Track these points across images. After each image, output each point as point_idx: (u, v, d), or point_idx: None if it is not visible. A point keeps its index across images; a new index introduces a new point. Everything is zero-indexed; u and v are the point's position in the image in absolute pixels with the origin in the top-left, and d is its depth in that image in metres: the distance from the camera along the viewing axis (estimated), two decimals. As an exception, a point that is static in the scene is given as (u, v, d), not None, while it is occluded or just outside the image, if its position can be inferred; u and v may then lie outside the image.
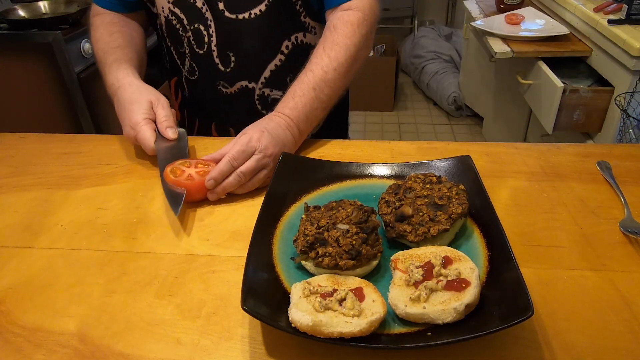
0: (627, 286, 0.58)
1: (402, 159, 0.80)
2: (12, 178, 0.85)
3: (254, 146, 0.76)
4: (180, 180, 0.75)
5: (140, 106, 0.84)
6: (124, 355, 0.52)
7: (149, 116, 0.83)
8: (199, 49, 0.96)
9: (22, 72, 1.89)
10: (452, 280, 0.53)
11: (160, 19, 0.97)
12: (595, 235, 0.67)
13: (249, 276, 0.55)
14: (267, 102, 1.01)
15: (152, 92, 0.87)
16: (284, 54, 0.97)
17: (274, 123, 0.81)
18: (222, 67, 0.97)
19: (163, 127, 0.84)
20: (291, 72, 0.98)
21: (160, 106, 0.85)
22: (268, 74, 0.98)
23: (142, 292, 0.60)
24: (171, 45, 1.00)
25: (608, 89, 1.71)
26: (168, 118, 0.85)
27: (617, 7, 1.73)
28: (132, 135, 0.83)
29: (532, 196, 0.75)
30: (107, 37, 0.96)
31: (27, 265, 0.65)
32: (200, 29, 0.94)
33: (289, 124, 0.83)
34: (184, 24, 0.94)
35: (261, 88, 0.99)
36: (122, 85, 0.88)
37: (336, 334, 0.48)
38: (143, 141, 0.82)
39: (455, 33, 3.71)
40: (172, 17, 0.95)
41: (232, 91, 0.99)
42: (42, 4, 2.04)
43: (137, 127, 0.82)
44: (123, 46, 0.95)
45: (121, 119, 0.86)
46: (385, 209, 0.64)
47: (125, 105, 0.85)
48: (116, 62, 0.92)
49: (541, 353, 0.51)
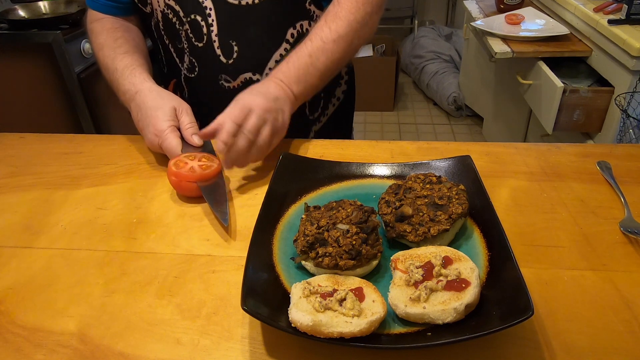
0: (627, 286, 0.58)
1: (402, 159, 0.80)
2: (12, 178, 0.85)
3: (249, 105, 0.76)
4: (182, 172, 0.74)
5: (165, 113, 0.81)
6: (124, 355, 0.52)
7: (174, 123, 0.81)
8: (197, 42, 0.93)
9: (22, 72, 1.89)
10: (452, 280, 0.53)
11: (155, 17, 0.95)
12: (595, 235, 0.67)
13: (249, 276, 0.55)
14: None
15: (175, 98, 0.85)
16: (289, 43, 0.94)
17: (263, 85, 0.81)
18: (224, 58, 0.93)
19: (189, 134, 0.81)
20: None
21: (185, 113, 0.83)
22: (273, 65, 0.94)
23: (142, 292, 0.60)
24: (169, 43, 0.97)
25: (608, 89, 1.71)
26: (193, 125, 0.82)
27: (617, 7, 1.73)
28: (155, 143, 0.80)
29: (532, 196, 0.75)
30: (112, 42, 0.93)
31: (27, 265, 0.65)
32: (197, 20, 0.91)
33: (280, 85, 0.81)
34: (180, 16, 0.91)
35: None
36: (140, 91, 0.84)
37: (336, 334, 0.48)
38: (170, 149, 0.79)
39: (455, 33, 3.71)
40: (168, 11, 0.92)
41: (235, 85, 0.96)
42: (42, 4, 2.04)
43: (162, 134, 0.79)
44: (131, 52, 0.92)
45: (143, 125, 0.82)
46: (385, 209, 0.64)
47: (148, 112, 0.82)
48: (128, 68, 0.88)
49: (541, 353, 0.51)
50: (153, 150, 0.85)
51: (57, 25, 1.83)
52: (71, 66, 1.84)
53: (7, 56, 1.86)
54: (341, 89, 1.11)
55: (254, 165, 0.85)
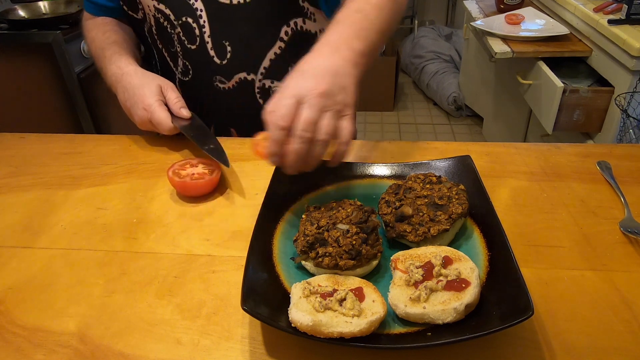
0: (627, 286, 0.58)
1: (402, 159, 0.80)
2: (12, 178, 0.85)
3: (297, 93, 0.60)
4: (186, 181, 0.75)
5: (151, 89, 0.85)
6: (124, 355, 0.52)
7: (160, 98, 0.85)
8: (190, 45, 0.92)
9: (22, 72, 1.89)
10: (452, 280, 0.53)
11: (148, 22, 0.95)
12: (595, 235, 0.67)
13: (249, 276, 0.55)
14: (268, 94, 0.96)
15: (159, 77, 0.89)
16: (283, 41, 0.92)
17: (312, 58, 0.66)
18: (217, 59, 0.92)
19: (177, 108, 0.86)
20: (292, 62, 0.92)
21: (170, 89, 0.87)
22: (268, 64, 0.93)
23: (142, 292, 0.60)
24: (162, 48, 0.97)
25: (608, 89, 1.71)
26: (179, 99, 0.87)
27: (617, 7, 1.73)
28: (145, 118, 0.84)
29: (532, 196, 0.75)
30: (101, 35, 0.97)
31: (27, 265, 0.65)
32: (189, 22, 0.90)
33: (337, 48, 0.66)
34: (171, 19, 0.91)
35: (261, 79, 0.95)
36: (126, 72, 0.88)
37: (336, 334, 0.48)
38: (160, 121, 0.83)
39: (455, 33, 3.71)
40: (159, 15, 0.91)
41: (229, 86, 0.95)
42: (42, 4, 2.04)
43: (150, 108, 0.83)
44: (119, 42, 0.95)
45: (131, 104, 0.86)
46: (385, 209, 0.64)
47: (134, 91, 0.86)
48: (116, 54, 0.92)
49: (541, 353, 0.51)
50: (143, 128, 0.88)
51: (57, 25, 1.83)
52: (71, 66, 1.84)
53: (7, 56, 1.86)
54: None
55: (254, 166, 0.85)
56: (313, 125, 0.59)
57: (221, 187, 0.79)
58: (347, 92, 0.63)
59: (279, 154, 0.61)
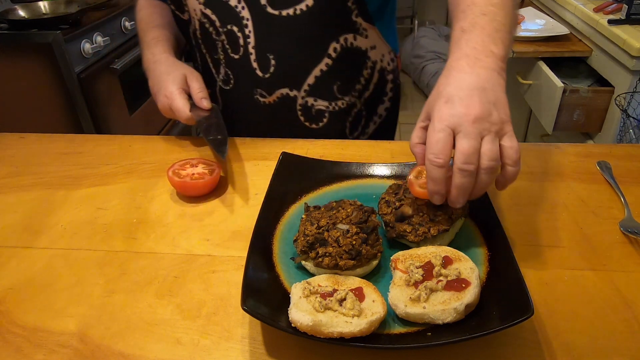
0: (627, 286, 0.58)
1: (402, 159, 0.80)
2: (12, 178, 0.85)
3: (448, 123, 0.55)
4: (186, 181, 0.75)
5: (175, 78, 0.87)
6: (124, 355, 0.52)
7: (183, 87, 0.87)
8: (234, 54, 0.89)
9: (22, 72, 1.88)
10: (452, 280, 0.53)
11: (193, 25, 0.92)
12: (595, 235, 0.67)
13: (249, 276, 0.55)
14: (310, 113, 0.93)
15: (186, 67, 0.91)
16: (331, 58, 0.88)
17: (452, 76, 0.59)
18: (260, 72, 0.89)
19: (198, 98, 0.87)
20: (338, 80, 0.90)
21: (195, 79, 0.89)
22: (312, 81, 0.89)
23: (142, 292, 0.60)
24: (206, 53, 0.94)
25: (608, 89, 1.71)
26: (202, 90, 0.88)
27: (617, 7, 1.73)
28: (166, 105, 0.86)
29: (532, 196, 0.75)
30: (148, 17, 1.00)
31: (27, 265, 0.65)
32: (234, 31, 0.87)
33: (474, 58, 0.59)
34: (217, 26, 0.88)
35: (304, 97, 0.91)
36: (158, 60, 0.91)
37: (336, 334, 0.48)
38: (178, 109, 0.84)
39: (456, 33, 3.70)
40: (204, 20, 0.89)
41: (270, 100, 0.92)
42: (42, 4, 2.04)
43: (171, 95, 0.85)
44: (162, 26, 0.98)
45: (156, 90, 0.89)
46: (385, 209, 0.64)
47: (160, 77, 0.89)
48: (154, 40, 0.95)
49: (541, 353, 0.51)
50: (166, 115, 0.90)
51: (57, 25, 1.82)
52: (71, 66, 1.84)
53: (7, 56, 1.86)
54: (384, 106, 1.02)
55: (254, 166, 0.85)
56: (474, 156, 0.54)
57: (221, 187, 0.79)
58: (500, 107, 0.56)
59: (442, 192, 0.56)
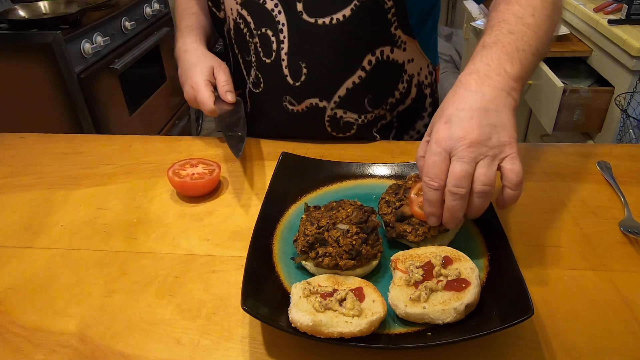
0: (627, 286, 0.58)
1: (402, 159, 0.80)
2: (12, 178, 0.85)
3: (444, 144, 0.55)
4: (186, 181, 0.75)
5: (203, 68, 0.87)
6: (124, 355, 0.52)
7: (209, 78, 0.86)
8: (266, 58, 0.87)
9: (22, 72, 1.88)
10: (452, 280, 0.53)
11: (228, 24, 0.91)
12: (595, 235, 0.67)
13: (249, 276, 0.55)
14: (339, 124, 0.90)
15: (215, 58, 0.91)
16: (365, 70, 0.85)
17: (458, 95, 0.59)
18: (291, 79, 0.86)
19: (223, 91, 0.87)
20: (370, 93, 0.88)
21: (222, 71, 0.88)
22: (343, 92, 0.86)
23: (142, 292, 0.60)
24: (238, 53, 0.93)
25: (608, 89, 1.71)
26: (228, 83, 0.88)
27: (617, 7, 1.73)
28: (191, 95, 0.86)
29: (532, 196, 0.75)
30: (185, 4, 1.01)
31: (27, 265, 0.65)
32: (267, 34, 0.84)
33: (483, 76, 0.59)
34: (251, 27, 0.86)
35: (333, 108, 0.88)
36: (188, 50, 0.91)
37: (336, 334, 0.48)
38: (202, 101, 0.84)
39: (455, 33, 3.71)
40: (239, 21, 0.88)
41: (299, 109, 0.89)
42: (42, 4, 2.04)
43: (197, 86, 0.85)
44: (197, 14, 0.98)
45: (183, 80, 0.89)
46: (385, 209, 0.64)
47: (188, 67, 0.88)
48: (187, 28, 0.96)
49: (541, 353, 0.51)
50: (191, 105, 0.89)
51: (57, 25, 1.82)
52: (71, 66, 1.84)
53: (7, 56, 1.86)
54: (423, 122, 0.99)
55: (254, 166, 0.85)
56: (466, 180, 0.54)
57: (221, 187, 0.79)
58: (502, 131, 0.55)
59: (437, 214, 0.57)
